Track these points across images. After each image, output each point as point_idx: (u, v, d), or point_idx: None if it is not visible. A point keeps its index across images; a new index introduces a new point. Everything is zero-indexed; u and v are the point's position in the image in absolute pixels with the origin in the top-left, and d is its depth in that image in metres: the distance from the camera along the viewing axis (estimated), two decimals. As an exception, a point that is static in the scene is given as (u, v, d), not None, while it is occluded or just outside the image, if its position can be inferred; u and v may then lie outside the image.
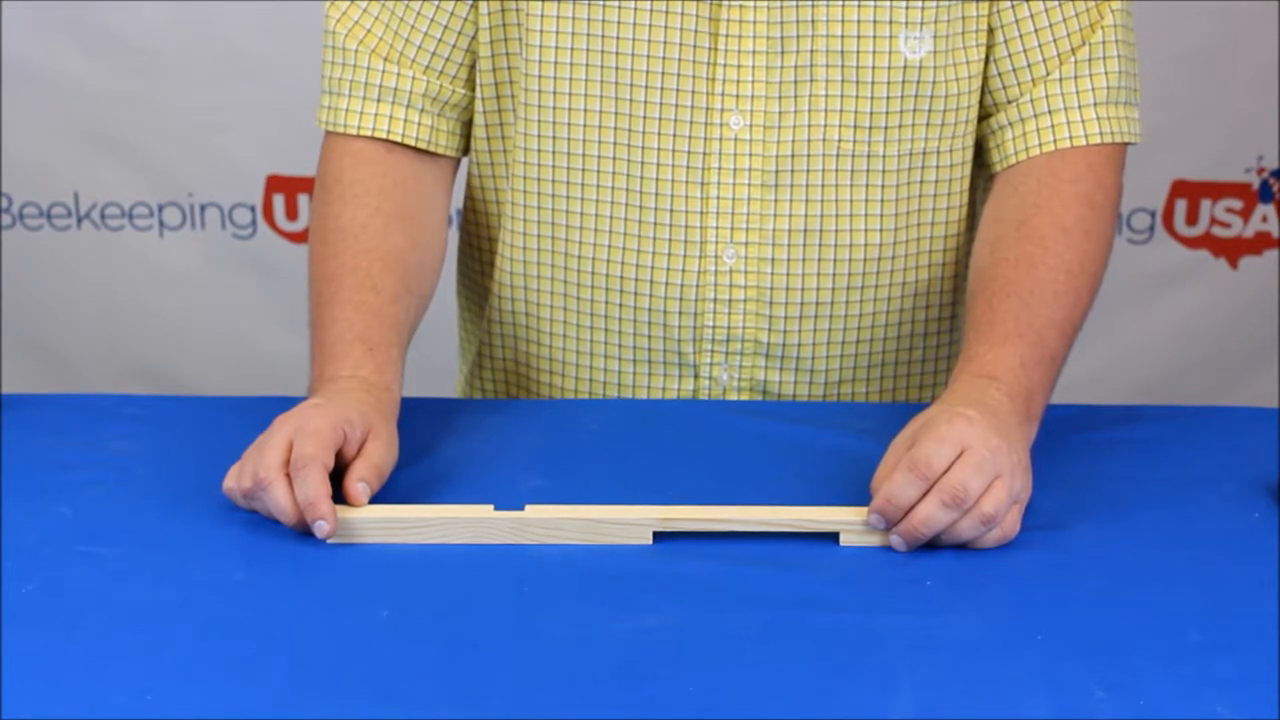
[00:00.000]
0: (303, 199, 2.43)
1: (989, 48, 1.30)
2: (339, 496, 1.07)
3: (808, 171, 1.28)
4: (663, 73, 1.26)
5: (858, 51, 1.26)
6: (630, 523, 1.05)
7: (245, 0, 2.31)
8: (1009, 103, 1.30)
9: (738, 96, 1.27)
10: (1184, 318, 2.46)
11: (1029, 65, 1.29)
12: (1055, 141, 1.28)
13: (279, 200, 2.44)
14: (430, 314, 1.31)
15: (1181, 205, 2.41)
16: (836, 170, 1.29)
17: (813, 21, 1.25)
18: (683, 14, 1.25)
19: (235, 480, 1.08)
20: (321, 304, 1.23)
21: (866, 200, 1.30)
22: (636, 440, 1.22)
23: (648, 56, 1.26)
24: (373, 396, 1.16)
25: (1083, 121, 1.28)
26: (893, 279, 1.33)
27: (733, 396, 1.35)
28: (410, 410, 1.20)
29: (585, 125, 1.29)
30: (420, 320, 1.29)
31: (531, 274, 1.35)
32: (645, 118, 1.27)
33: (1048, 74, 1.29)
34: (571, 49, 1.27)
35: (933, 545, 1.05)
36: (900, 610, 0.97)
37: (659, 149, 1.28)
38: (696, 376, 1.35)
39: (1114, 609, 0.97)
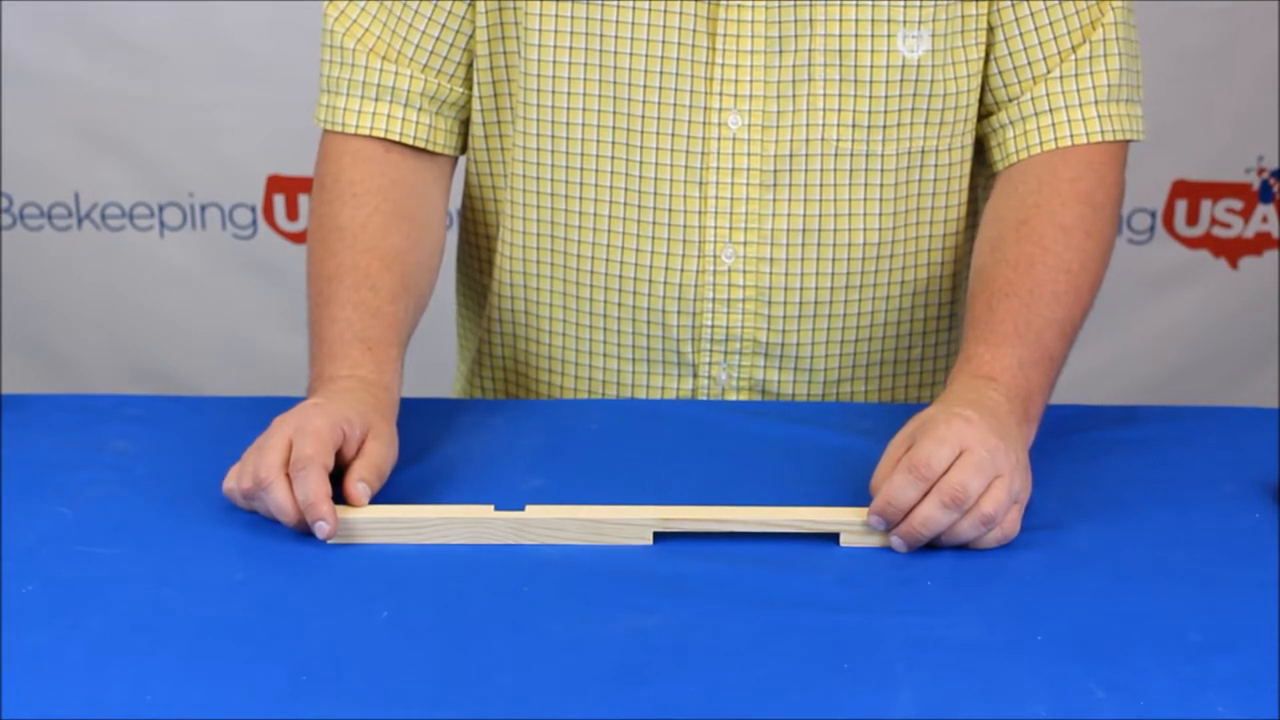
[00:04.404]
0: (303, 199, 2.43)
1: (989, 46, 1.30)
2: (339, 496, 1.07)
3: (806, 171, 1.28)
4: (661, 72, 1.26)
5: (856, 51, 1.26)
6: (630, 523, 1.05)
7: (245, 0, 2.31)
8: (1010, 101, 1.30)
9: (736, 96, 1.27)
10: (1184, 318, 2.46)
11: (1029, 63, 1.29)
12: (1056, 140, 1.28)
13: (279, 200, 2.44)
14: (430, 313, 1.31)
15: (1182, 205, 2.41)
16: (835, 169, 1.29)
17: (811, 21, 1.25)
18: (681, 13, 1.25)
19: (235, 481, 1.08)
20: (320, 303, 1.23)
21: (865, 199, 1.30)
22: (636, 440, 1.22)
23: (646, 56, 1.26)
24: (372, 396, 1.16)
25: (1083, 120, 1.28)
26: (891, 278, 1.33)
27: (731, 396, 1.35)
28: (410, 410, 1.20)
29: (583, 125, 1.29)
30: (419, 319, 1.29)
31: (530, 273, 1.35)
32: (644, 117, 1.27)
33: (1048, 72, 1.29)
34: (570, 48, 1.27)
35: (933, 546, 1.05)
36: (900, 610, 0.97)
37: (657, 148, 1.28)
38: (695, 376, 1.35)
39: (1114, 609, 0.97)
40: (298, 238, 2.44)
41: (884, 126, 1.28)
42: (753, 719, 0.86)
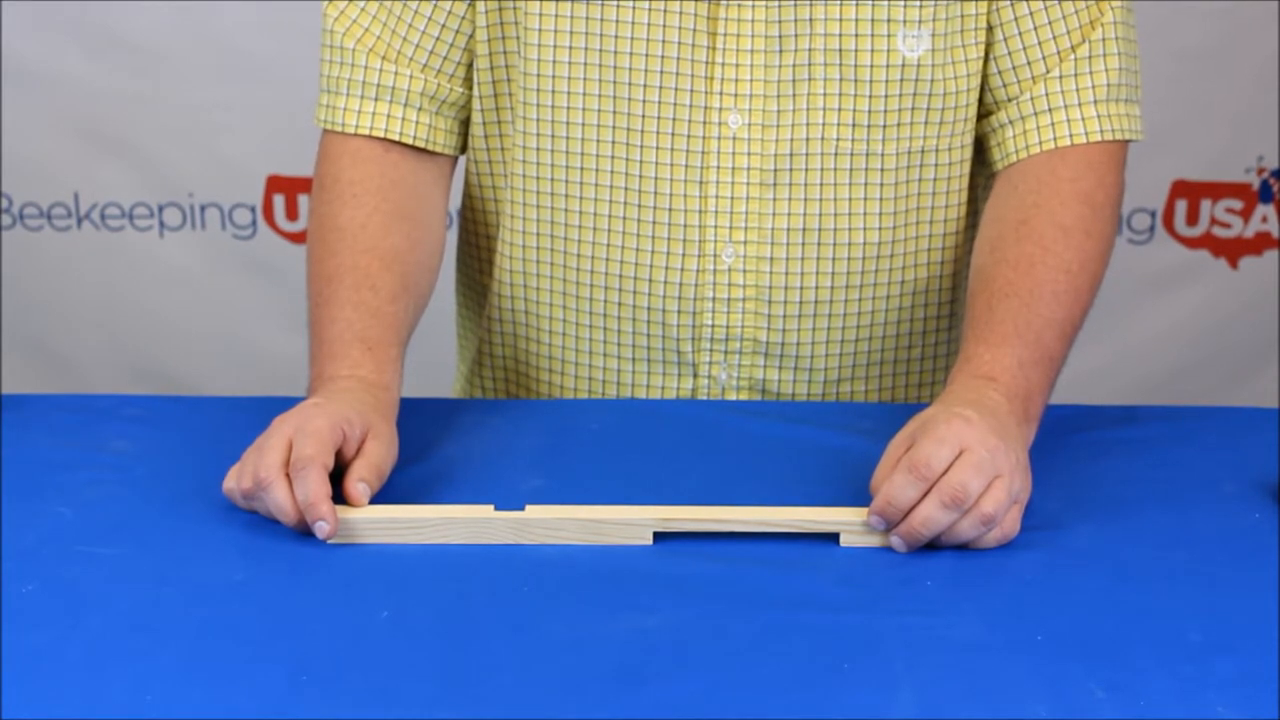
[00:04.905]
0: (303, 199, 2.43)
1: (989, 45, 1.30)
2: (339, 496, 1.07)
3: (806, 170, 1.28)
4: (661, 71, 1.26)
5: (856, 50, 1.26)
6: (630, 523, 1.05)
7: (245, 0, 2.31)
8: (1009, 100, 1.30)
9: (736, 95, 1.27)
10: (1184, 318, 2.46)
11: (1029, 63, 1.29)
12: (1055, 140, 1.28)
13: (279, 200, 2.44)
14: (430, 313, 1.31)
15: (1181, 205, 2.41)
16: (835, 169, 1.29)
17: (811, 20, 1.25)
18: (681, 13, 1.25)
19: (235, 481, 1.08)
20: (320, 303, 1.23)
21: (865, 199, 1.30)
22: (636, 440, 1.22)
23: (646, 55, 1.26)
24: (372, 396, 1.16)
25: (1083, 119, 1.28)
26: (891, 277, 1.33)
27: (731, 395, 1.35)
28: (410, 410, 1.20)
29: (584, 124, 1.29)
30: (419, 319, 1.29)
31: (531, 272, 1.36)
32: (644, 116, 1.27)
33: (1048, 71, 1.29)
34: (570, 48, 1.27)
35: (933, 545, 1.05)
36: (900, 610, 0.97)
37: (657, 148, 1.28)
38: (695, 375, 1.35)
39: (1114, 609, 0.97)
40: (297, 238, 2.44)
41: (884, 126, 1.28)
42: (753, 719, 0.86)
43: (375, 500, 1.08)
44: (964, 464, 1.03)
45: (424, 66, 1.30)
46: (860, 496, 1.07)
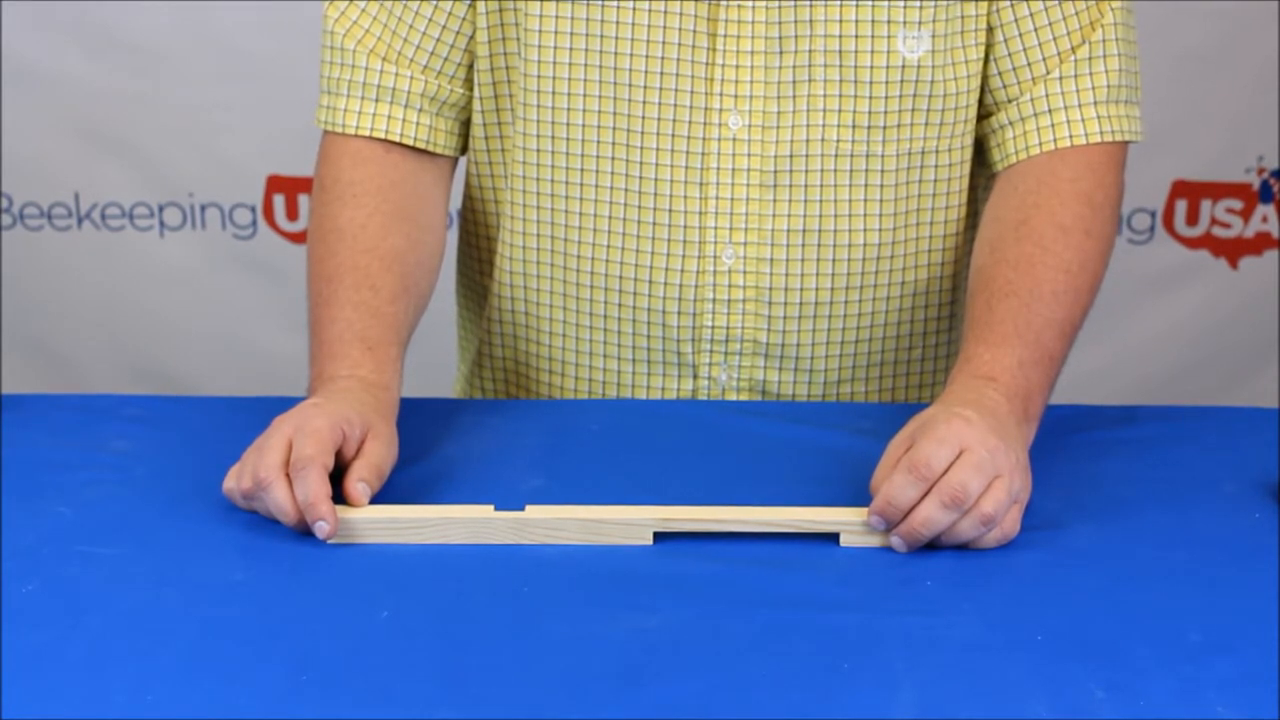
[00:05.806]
0: (303, 199, 2.43)
1: (989, 46, 1.30)
2: (339, 496, 1.07)
3: (806, 171, 1.28)
4: (661, 73, 1.26)
5: (856, 51, 1.26)
6: (630, 523, 1.05)
7: (245, 0, 2.31)
8: (1009, 101, 1.30)
9: (736, 96, 1.27)
10: (1184, 318, 2.46)
11: (1029, 64, 1.29)
12: (1055, 141, 1.28)
13: (279, 200, 2.44)
14: (430, 314, 1.31)
15: (1181, 205, 2.41)
16: (835, 170, 1.29)
17: (811, 21, 1.25)
18: (681, 14, 1.25)
19: (235, 481, 1.08)
20: (320, 304, 1.23)
21: (865, 200, 1.30)
22: (636, 440, 1.22)
23: (646, 56, 1.26)
24: (371, 396, 1.16)
25: (1083, 120, 1.28)
26: (891, 278, 1.33)
27: (732, 396, 1.35)
28: (410, 410, 1.20)
29: (584, 125, 1.29)
30: (419, 320, 1.29)
31: (531, 273, 1.36)
32: (644, 118, 1.27)
33: (1048, 73, 1.29)
34: (570, 49, 1.27)
35: (933, 545, 1.05)
36: (900, 610, 0.97)
37: (657, 149, 1.28)
38: (695, 376, 1.35)
39: (1114, 609, 0.97)
40: (297, 238, 2.44)
41: (884, 127, 1.28)
42: (752, 719, 0.86)
43: (375, 500, 1.08)
44: (964, 464, 1.03)
45: (424, 68, 1.30)
46: (860, 496, 1.07)
